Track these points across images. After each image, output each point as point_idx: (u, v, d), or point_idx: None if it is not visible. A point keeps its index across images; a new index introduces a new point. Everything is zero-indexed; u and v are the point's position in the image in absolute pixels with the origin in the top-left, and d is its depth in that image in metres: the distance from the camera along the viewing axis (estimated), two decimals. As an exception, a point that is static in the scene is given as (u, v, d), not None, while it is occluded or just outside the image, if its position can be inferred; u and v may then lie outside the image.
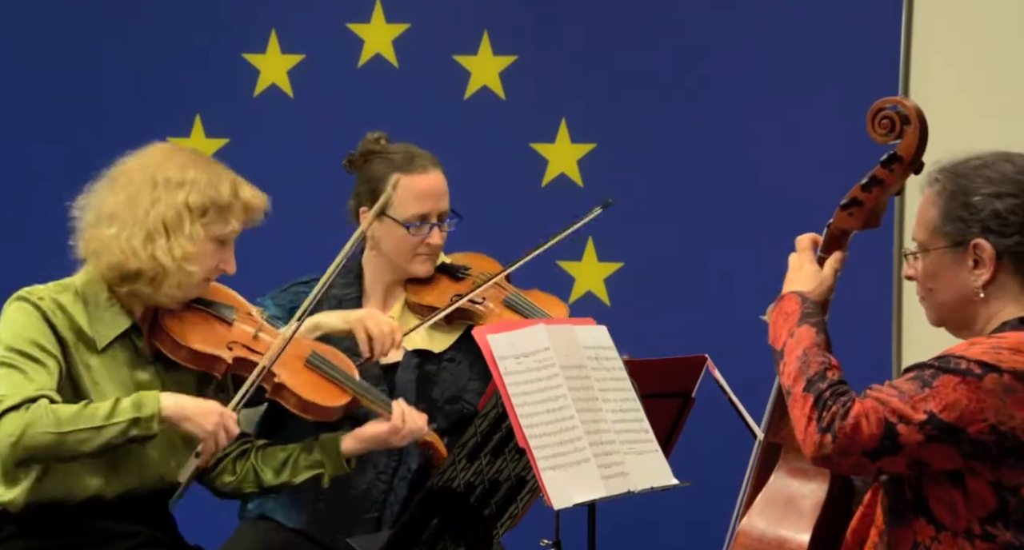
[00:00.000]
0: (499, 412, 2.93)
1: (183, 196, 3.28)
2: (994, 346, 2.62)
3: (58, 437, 3.10)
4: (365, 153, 3.79)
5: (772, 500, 2.89)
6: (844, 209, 2.89)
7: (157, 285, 3.26)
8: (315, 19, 4.99)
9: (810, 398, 2.62)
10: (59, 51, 5.09)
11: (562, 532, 3.13)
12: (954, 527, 2.64)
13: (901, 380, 2.63)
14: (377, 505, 3.71)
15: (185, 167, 3.32)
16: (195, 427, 3.20)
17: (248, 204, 3.35)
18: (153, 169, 3.31)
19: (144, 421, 3.14)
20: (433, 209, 3.74)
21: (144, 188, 3.29)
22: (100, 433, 3.12)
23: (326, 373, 3.43)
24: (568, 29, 4.85)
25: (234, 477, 3.49)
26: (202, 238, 3.29)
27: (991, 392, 2.58)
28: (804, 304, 2.79)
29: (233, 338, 3.38)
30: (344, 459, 3.47)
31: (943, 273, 2.74)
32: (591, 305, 4.81)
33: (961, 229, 2.70)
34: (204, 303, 3.40)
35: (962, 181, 2.71)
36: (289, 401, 3.39)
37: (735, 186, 4.75)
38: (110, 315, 3.28)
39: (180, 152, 3.40)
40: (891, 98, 2.85)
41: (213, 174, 3.33)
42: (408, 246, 3.74)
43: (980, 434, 2.57)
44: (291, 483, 3.49)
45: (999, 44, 4.64)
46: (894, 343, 4.68)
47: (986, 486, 2.62)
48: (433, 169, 3.77)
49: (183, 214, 3.27)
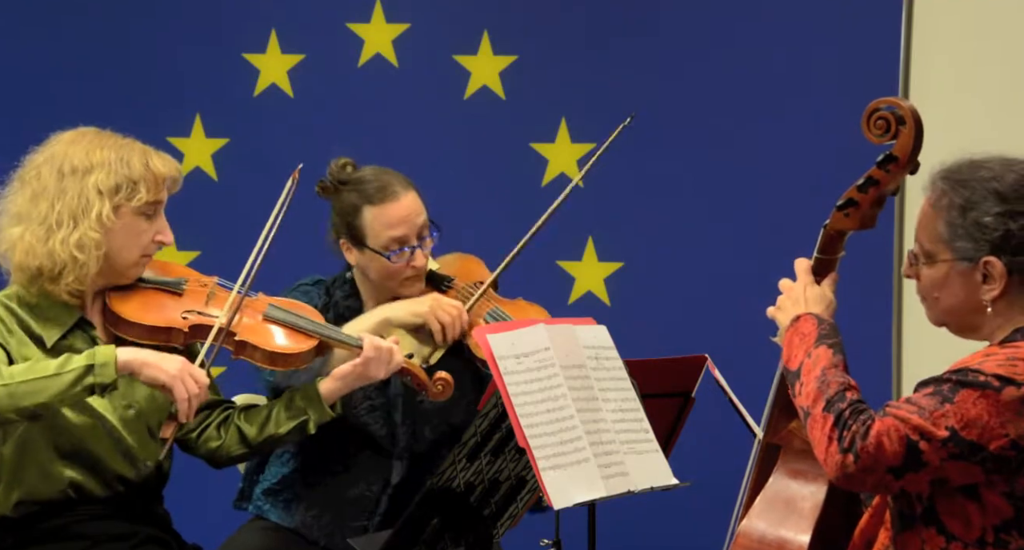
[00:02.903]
0: (499, 412, 2.93)
1: (92, 180, 3.25)
2: (1010, 357, 2.61)
3: (7, 389, 3.05)
4: (334, 182, 3.78)
5: (772, 501, 2.88)
6: (840, 210, 2.89)
7: (56, 281, 3.23)
8: (315, 19, 4.98)
9: (830, 418, 2.62)
10: (59, 51, 5.09)
11: (562, 532, 3.13)
12: (965, 538, 2.63)
13: (919, 395, 2.62)
14: (367, 513, 3.72)
15: (91, 151, 3.29)
16: (157, 372, 3.14)
17: (159, 173, 3.30)
18: (59, 160, 3.28)
19: (99, 367, 3.08)
20: (410, 232, 3.72)
21: (50, 181, 3.26)
22: (53, 382, 3.06)
23: (287, 322, 3.41)
24: (568, 29, 4.85)
25: (220, 441, 3.47)
26: (115, 216, 3.25)
27: (1010, 406, 2.57)
28: (821, 325, 2.79)
29: (185, 306, 3.36)
30: (327, 404, 3.45)
31: (950, 284, 2.73)
32: (591, 305, 4.81)
33: (972, 247, 2.68)
34: (150, 281, 3.38)
35: (971, 195, 2.69)
36: (255, 357, 3.36)
37: (735, 186, 4.75)
38: (54, 312, 3.26)
39: (83, 136, 3.34)
40: (886, 98, 2.85)
41: (121, 150, 3.30)
42: (393, 271, 3.73)
43: (1001, 450, 2.57)
44: (277, 434, 3.46)
45: (999, 44, 4.64)
46: (894, 343, 4.68)
47: (1000, 497, 2.61)
48: (404, 193, 3.73)
49: (92, 199, 3.23)
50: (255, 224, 5.12)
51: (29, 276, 3.24)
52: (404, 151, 4.67)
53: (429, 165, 4.80)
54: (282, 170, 5.07)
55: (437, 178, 4.77)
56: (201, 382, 3.19)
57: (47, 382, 3.07)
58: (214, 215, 4.87)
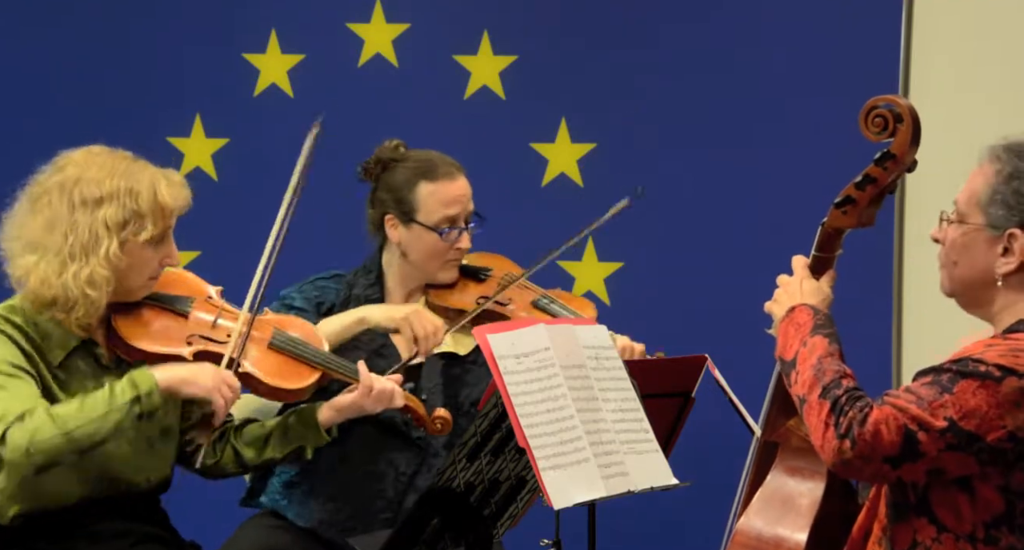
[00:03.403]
0: (499, 412, 2.93)
1: (101, 214, 3.22)
2: (1012, 348, 2.62)
3: (65, 437, 3.08)
4: (383, 161, 3.80)
5: (769, 499, 2.89)
6: (838, 207, 2.89)
7: (68, 312, 3.22)
8: (315, 19, 4.98)
9: (826, 404, 2.61)
10: (59, 51, 5.09)
11: (562, 532, 3.12)
12: (957, 530, 2.63)
13: (918, 385, 2.62)
14: (393, 506, 3.70)
15: (101, 180, 3.25)
16: (196, 389, 3.19)
17: (167, 206, 3.28)
18: (71, 187, 3.25)
19: (145, 397, 3.13)
20: (461, 212, 3.77)
21: (62, 210, 3.24)
22: (106, 420, 3.11)
23: (291, 352, 3.40)
24: (568, 29, 4.85)
25: (215, 458, 3.47)
26: (122, 252, 3.23)
27: (1009, 397, 2.57)
28: (816, 315, 2.79)
29: (191, 331, 3.35)
30: (323, 429, 3.46)
31: (971, 249, 2.73)
32: (591, 305, 4.81)
33: (1003, 215, 2.69)
34: (157, 298, 3.36)
35: (1021, 165, 2.70)
36: (258, 389, 3.37)
37: (735, 186, 4.75)
38: (58, 333, 3.25)
39: (95, 159, 3.30)
40: (884, 96, 2.85)
41: (131, 179, 3.26)
42: (439, 251, 3.75)
43: (998, 441, 2.57)
44: (274, 459, 3.48)
45: (999, 44, 4.64)
46: (894, 343, 4.67)
47: (994, 491, 2.61)
48: (459, 174, 3.80)
49: (101, 234, 3.22)
50: (255, 224, 5.12)
51: (43, 304, 3.23)
52: (404, 151, 4.67)
53: (429, 165, 4.80)
54: (282, 170, 5.07)
55: (437, 178, 4.77)
56: (235, 387, 3.25)
57: (100, 422, 3.11)
58: (214, 215, 4.86)
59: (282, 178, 5.19)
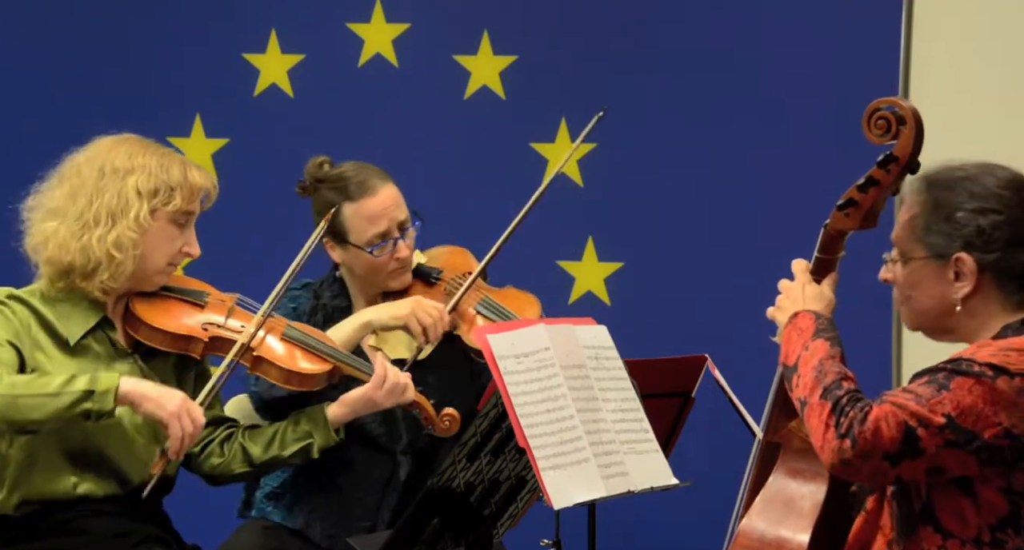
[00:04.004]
0: (499, 412, 2.93)
1: (132, 181, 3.28)
2: (1002, 348, 2.62)
3: (9, 400, 3.06)
4: (312, 181, 3.78)
5: (771, 501, 2.88)
6: (841, 209, 2.89)
7: (88, 278, 3.24)
8: (315, 19, 4.99)
9: (827, 405, 2.62)
10: (59, 51, 5.09)
11: (562, 532, 3.13)
12: (962, 535, 2.63)
13: (915, 384, 2.63)
14: (370, 514, 3.72)
15: (133, 154, 3.32)
16: (156, 408, 3.14)
17: (195, 183, 3.34)
18: (101, 160, 3.31)
19: (99, 394, 3.09)
20: (391, 225, 3.72)
21: (90, 179, 3.29)
22: (52, 400, 3.07)
23: (304, 344, 3.43)
24: (568, 29, 4.85)
25: (222, 459, 3.47)
26: (152, 218, 3.27)
27: (1003, 395, 2.58)
28: (818, 320, 2.79)
29: (207, 318, 3.38)
30: (332, 428, 3.46)
31: (922, 283, 2.74)
32: (591, 305, 4.81)
33: (944, 242, 2.71)
34: (174, 290, 3.41)
35: (946, 193, 2.72)
36: (271, 374, 3.38)
37: (735, 186, 4.75)
38: (78, 311, 3.27)
39: (127, 141, 3.38)
40: (887, 98, 2.85)
41: (162, 157, 3.34)
42: (378, 266, 3.73)
43: (995, 438, 2.57)
44: (281, 456, 3.47)
45: (999, 44, 4.64)
46: (894, 344, 4.67)
47: (996, 493, 2.62)
48: (381, 186, 3.73)
49: (131, 199, 3.26)
50: (255, 224, 5.13)
51: (59, 271, 3.25)
52: (404, 151, 4.68)
53: (429, 165, 4.81)
54: (282, 170, 5.08)
55: (437, 178, 4.78)
56: (197, 422, 3.19)
57: (46, 400, 3.08)
58: (214, 215, 4.86)
59: (282, 178, 5.19)
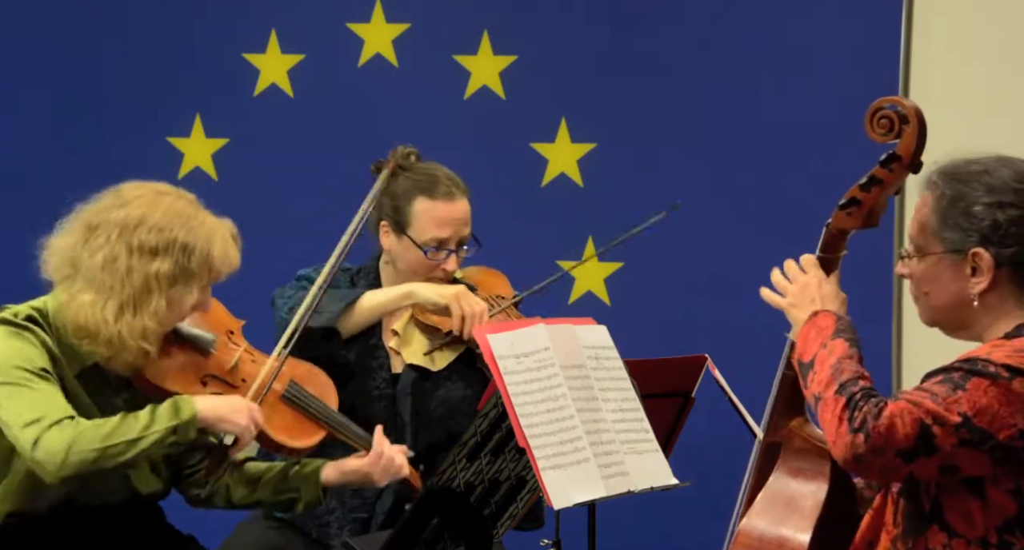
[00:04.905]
0: (499, 412, 2.93)
1: (155, 267, 3.19)
2: (1017, 349, 2.62)
3: (100, 452, 3.07)
4: (395, 167, 3.77)
5: (772, 500, 2.88)
6: (843, 209, 2.88)
7: (114, 355, 3.20)
8: (315, 19, 4.99)
9: (841, 400, 2.61)
10: (59, 51, 5.09)
11: (562, 532, 3.13)
12: (968, 535, 2.63)
13: (930, 383, 2.62)
14: (368, 505, 3.72)
15: (162, 228, 3.21)
16: (230, 426, 3.19)
17: (215, 269, 3.26)
18: (131, 231, 3.20)
19: (182, 427, 3.12)
20: (452, 236, 3.74)
21: (121, 253, 3.19)
22: (137, 444, 3.09)
23: (303, 407, 3.40)
24: (568, 29, 4.85)
25: (205, 490, 3.44)
26: (168, 310, 3.22)
27: (1020, 396, 2.57)
28: (839, 321, 2.79)
29: (209, 370, 3.33)
30: (321, 489, 3.42)
31: (939, 278, 2.74)
32: (591, 305, 4.81)
33: (960, 237, 2.70)
34: (181, 334, 3.32)
35: (962, 187, 2.71)
36: (261, 440, 3.34)
37: (735, 186, 4.75)
38: (77, 349, 3.22)
39: (158, 201, 3.25)
40: (889, 98, 2.85)
41: (188, 234, 3.22)
42: (423, 269, 3.74)
43: (1010, 439, 2.57)
44: (263, 502, 3.46)
45: (999, 44, 4.64)
46: (894, 343, 4.68)
47: (1005, 494, 2.61)
48: (459, 196, 3.76)
49: (152, 286, 3.19)
50: (255, 224, 5.12)
51: (86, 336, 3.19)
52: (404, 151, 4.67)
53: (429, 165, 4.80)
54: (282, 170, 5.09)
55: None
56: (261, 427, 3.25)
57: (130, 445, 3.10)
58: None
59: (282, 178, 5.20)
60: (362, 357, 3.74)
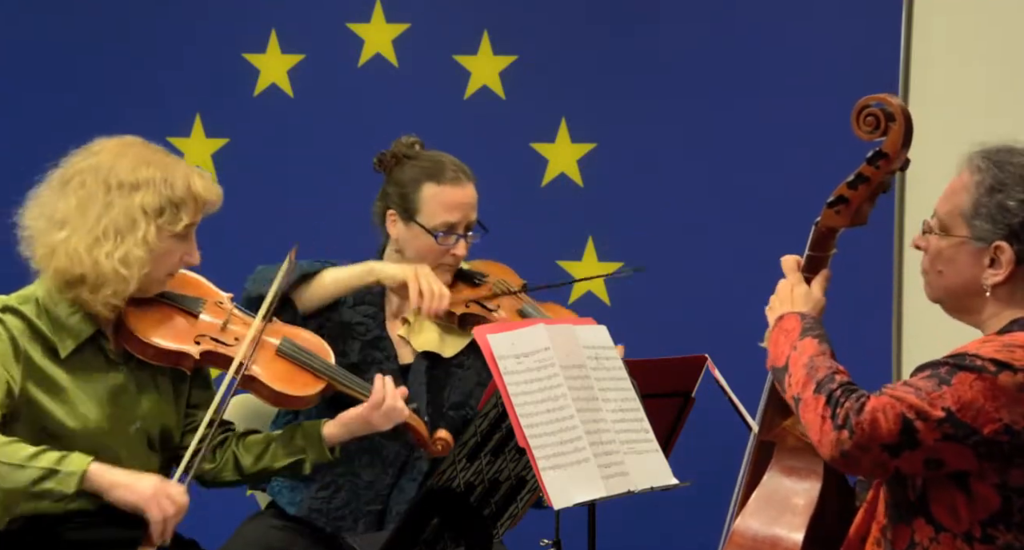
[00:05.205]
0: (499, 412, 2.93)
1: (138, 199, 3.22)
2: (1007, 344, 2.63)
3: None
4: (398, 156, 3.79)
5: (766, 499, 2.89)
6: (831, 207, 2.89)
7: (95, 291, 3.20)
8: (315, 19, 4.99)
9: (821, 398, 2.62)
10: (59, 51, 5.09)
11: (562, 532, 3.13)
12: (954, 529, 2.64)
13: (916, 378, 2.63)
14: (382, 498, 3.71)
15: (137, 167, 3.25)
16: (128, 493, 3.10)
17: (200, 197, 3.28)
18: (106, 172, 3.25)
19: (63, 476, 3.06)
20: (462, 220, 3.75)
21: (97, 192, 3.23)
22: (15, 473, 3.05)
23: (298, 361, 3.40)
24: (568, 29, 4.85)
25: (214, 465, 3.44)
26: (157, 239, 3.23)
27: (1006, 390, 2.58)
28: (804, 320, 2.80)
29: (200, 331, 3.34)
30: (327, 446, 3.43)
31: (956, 261, 2.74)
32: (591, 305, 4.81)
33: (989, 228, 2.70)
34: (169, 297, 3.36)
35: (1003, 177, 2.70)
36: (262, 393, 3.36)
37: (735, 186, 4.75)
38: (72, 322, 3.23)
39: (130, 148, 3.31)
40: (875, 95, 2.85)
41: (166, 170, 3.27)
42: (432, 254, 3.74)
43: (995, 434, 2.57)
44: (271, 468, 3.45)
45: (999, 44, 4.64)
46: (894, 343, 4.67)
47: (991, 488, 2.62)
48: (466, 181, 3.77)
49: (138, 217, 3.21)
50: (254, 224, 5.13)
51: (68, 281, 3.21)
52: (404, 151, 4.67)
53: (429, 165, 4.80)
54: (282, 170, 5.08)
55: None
56: (179, 503, 3.14)
57: (10, 470, 3.05)
58: (213, 215, 4.86)
59: (282, 178, 5.20)
60: (367, 350, 3.74)
